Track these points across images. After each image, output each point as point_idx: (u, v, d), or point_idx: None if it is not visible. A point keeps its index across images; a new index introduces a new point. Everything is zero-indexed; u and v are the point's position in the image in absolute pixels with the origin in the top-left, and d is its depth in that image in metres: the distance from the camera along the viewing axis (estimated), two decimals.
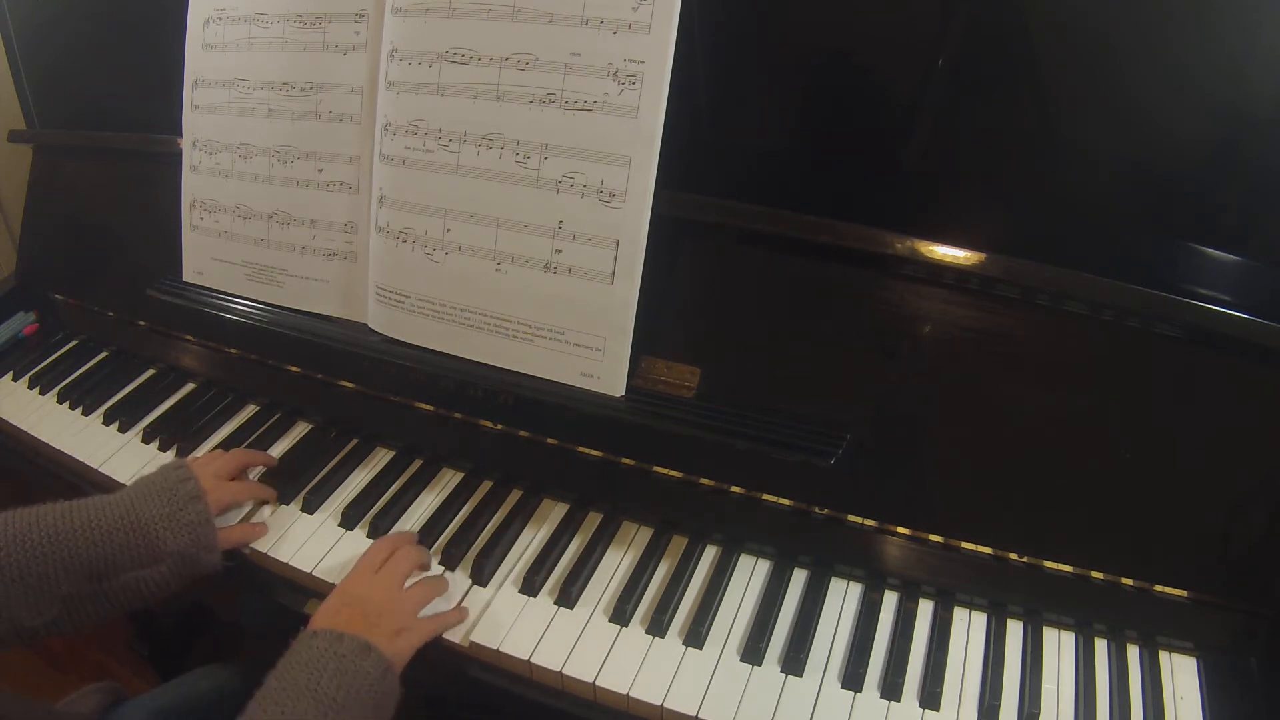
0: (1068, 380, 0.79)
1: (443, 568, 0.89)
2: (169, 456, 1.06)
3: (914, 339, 0.82)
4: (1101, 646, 0.81)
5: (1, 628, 0.74)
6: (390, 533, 0.93)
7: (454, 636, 0.82)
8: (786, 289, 0.86)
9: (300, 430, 1.09)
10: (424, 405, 1.00)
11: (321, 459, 1.03)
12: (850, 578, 0.88)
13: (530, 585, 0.86)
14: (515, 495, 0.97)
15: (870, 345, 0.83)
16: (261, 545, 0.92)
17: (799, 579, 0.87)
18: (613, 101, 0.83)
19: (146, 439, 1.09)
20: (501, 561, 0.89)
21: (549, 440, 0.95)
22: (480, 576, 0.88)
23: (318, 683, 0.67)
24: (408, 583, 0.83)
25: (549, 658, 0.80)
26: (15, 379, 1.22)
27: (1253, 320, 0.74)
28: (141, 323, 1.21)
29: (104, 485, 1.04)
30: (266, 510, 0.97)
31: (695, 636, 0.81)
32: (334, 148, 0.99)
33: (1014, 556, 0.81)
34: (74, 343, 1.29)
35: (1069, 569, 0.80)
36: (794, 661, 0.79)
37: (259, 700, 0.67)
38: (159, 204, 1.15)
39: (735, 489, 0.89)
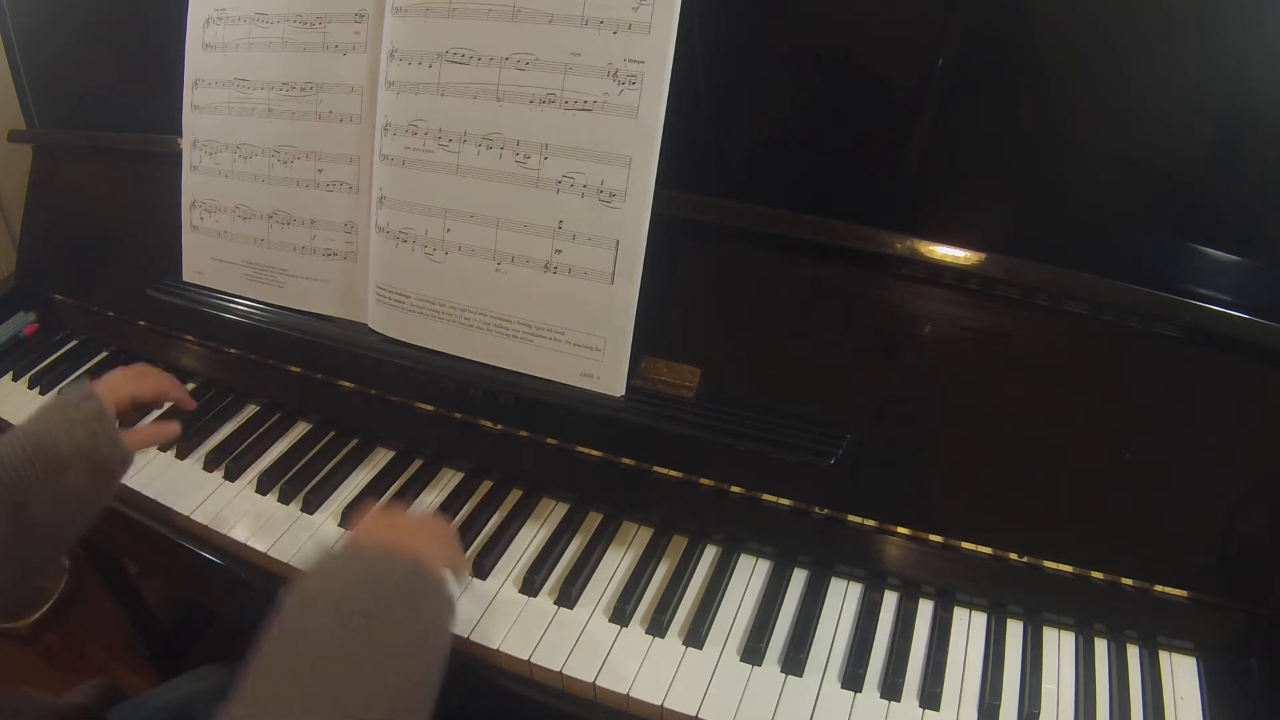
0: (1068, 380, 0.79)
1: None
2: (169, 456, 1.06)
3: (914, 339, 0.82)
4: (1101, 646, 0.81)
5: None
6: None
7: (457, 630, 0.82)
8: (787, 289, 0.86)
9: (300, 430, 1.09)
10: (424, 405, 1.00)
11: (321, 459, 1.03)
12: (850, 578, 0.88)
13: (530, 585, 0.86)
14: (515, 495, 0.97)
15: (870, 345, 0.83)
16: (260, 545, 0.92)
17: (799, 579, 0.87)
18: (613, 101, 0.83)
19: None
20: (501, 561, 0.89)
21: (549, 440, 0.95)
22: (480, 576, 0.88)
23: (340, 590, 0.62)
24: None
25: (549, 658, 0.80)
26: (15, 379, 1.22)
27: (1253, 320, 0.74)
28: (141, 323, 1.21)
29: None
30: (261, 504, 0.97)
31: (695, 636, 0.81)
32: (334, 148, 0.99)
33: (1014, 556, 0.81)
34: (74, 343, 1.29)
35: (1069, 569, 0.80)
36: (794, 661, 0.79)
37: (282, 616, 0.61)
38: (159, 204, 1.15)
39: (735, 489, 0.89)
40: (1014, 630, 0.82)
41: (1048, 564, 0.81)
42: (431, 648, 0.65)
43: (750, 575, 0.88)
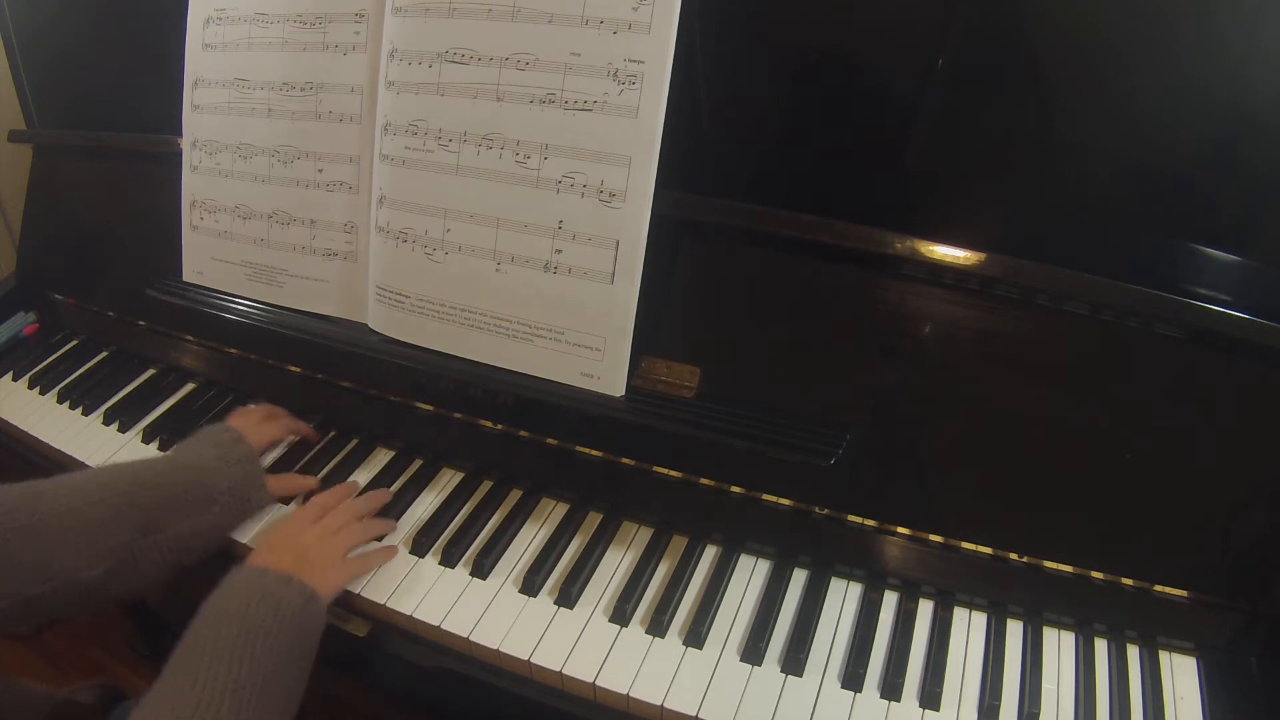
0: (1067, 380, 0.79)
1: (392, 521, 0.92)
2: None
3: (914, 339, 0.82)
4: (1101, 646, 0.81)
5: (55, 581, 0.75)
6: (390, 531, 0.93)
7: (457, 630, 0.82)
8: (787, 289, 0.86)
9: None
10: (424, 405, 1.00)
11: (321, 459, 1.03)
12: (850, 578, 0.88)
13: (530, 585, 0.86)
14: (515, 495, 0.97)
15: (870, 345, 0.83)
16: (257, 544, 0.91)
17: (799, 579, 0.87)
18: (613, 101, 0.83)
19: (147, 439, 1.09)
20: (501, 561, 0.89)
21: (549, 440, 0.95)
22: (480, 576, 0.88)
23: (245, 608, 0.71)
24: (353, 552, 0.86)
25: (549, 657, 0.80)
26: (15, 379, 1.22)
27: (1253, 320, 0.74)
28: (141, 323, 1.21)
29: None
30: (266, 511, 0.97)
31: (695, 636, 0.81)
32: (334, 148, 0.99)
33: (1014, 556, 0.81)
34: (74, 343, 1.29)
35: (1069, 569, 0.80)
36: (794, 661, 0.79)
37: (195, 626, 0.71)
38: (159, 204, 1.15)
39: (735, 489, 0.89)
40: (1014, 630, 0.82)
41: (1048, 564, 0.81)
42: (302, 668, 0.74)
43: (750, 575, 0.88)
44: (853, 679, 0.78)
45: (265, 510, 0.92)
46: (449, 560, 0.89)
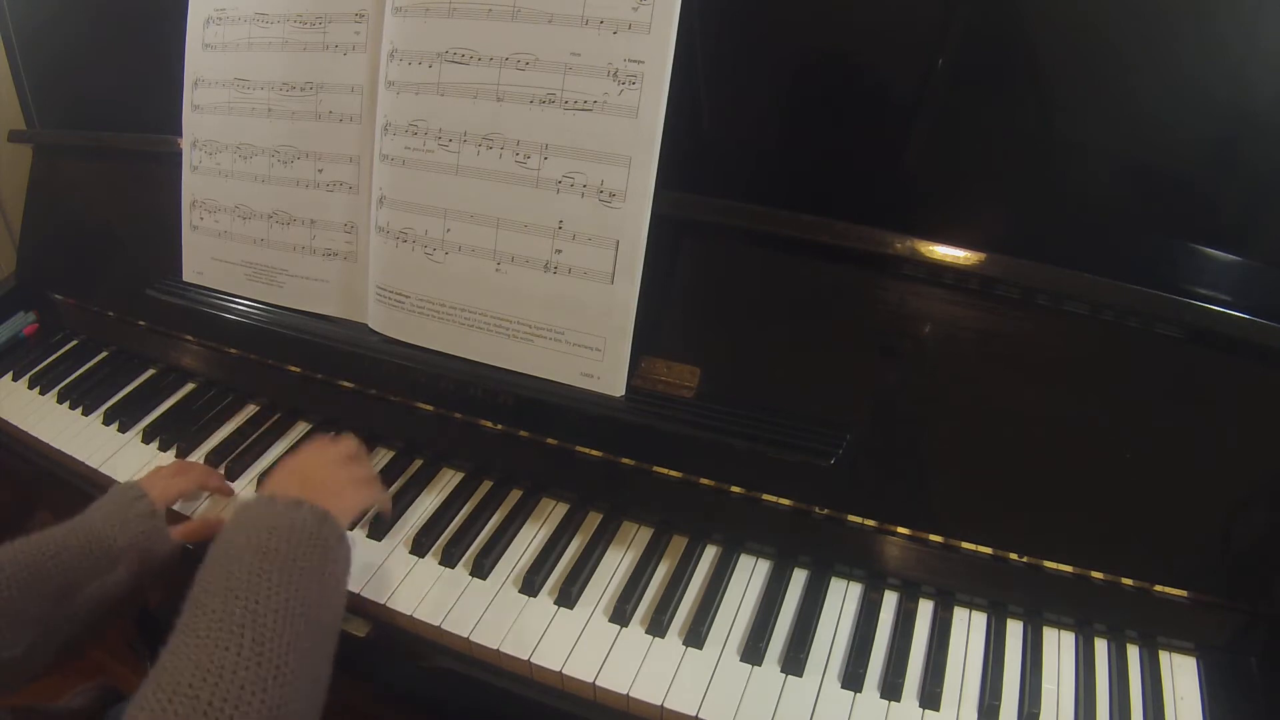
0: (1067, 380, 0.79)
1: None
2: (169, 456, 1.06)
3: (914, 339, 0.82)
4: (1101, 646, 0.81)
5: None
6: (390, 530, 0.93)
7: (457, 630, 0.82)
8: (787, 289, 0.86)
9: (300, 430, 1.09)
10: (424, 405, 1.00)
11: None
12: (850, 578, 0.88)
13: (530, 585, 0.86)
14: (515, 495, 0.97)
15: (870, 345, 0.83)
16: None
17: (799, 579, 0.87)
18: (613, 101, 0.83)
19: (146, 439, 1.09)
20: (501, 561, 0.89)
21: (549, 440, 0.95)
22: (480, 576, 0.88)
23: (257, 538, 0.67)
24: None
25: (549, 657, 0.80)
26: (15, 379, 1.22)
27: (1253, 320, 0.74)
28: (141, 323, 1.21)
29: (104, 485, 1.03)
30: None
31: (695, 636, 0.81)
32: (334, 148, 0.99)
33: (1014, 556, 0.81)
34: (74, 343, 1.29)
35: (1069, 569, 0.80)
36: (794, 661, 0.79)
37: (206, 565, 0.67)
38: (159, 204, 1.15)
39: (735, 489, 0.89)
40: (1014, 630, 0.82)
41: (1048, 564, 0.81)
42: (332, 594, 0.70)
43: (750, 575, 0.88)
44: (853, 679, 0.78)
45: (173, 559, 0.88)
46: (449, 560, 0.89)
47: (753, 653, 0.80)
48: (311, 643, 0.64)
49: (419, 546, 0.91)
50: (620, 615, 0.83)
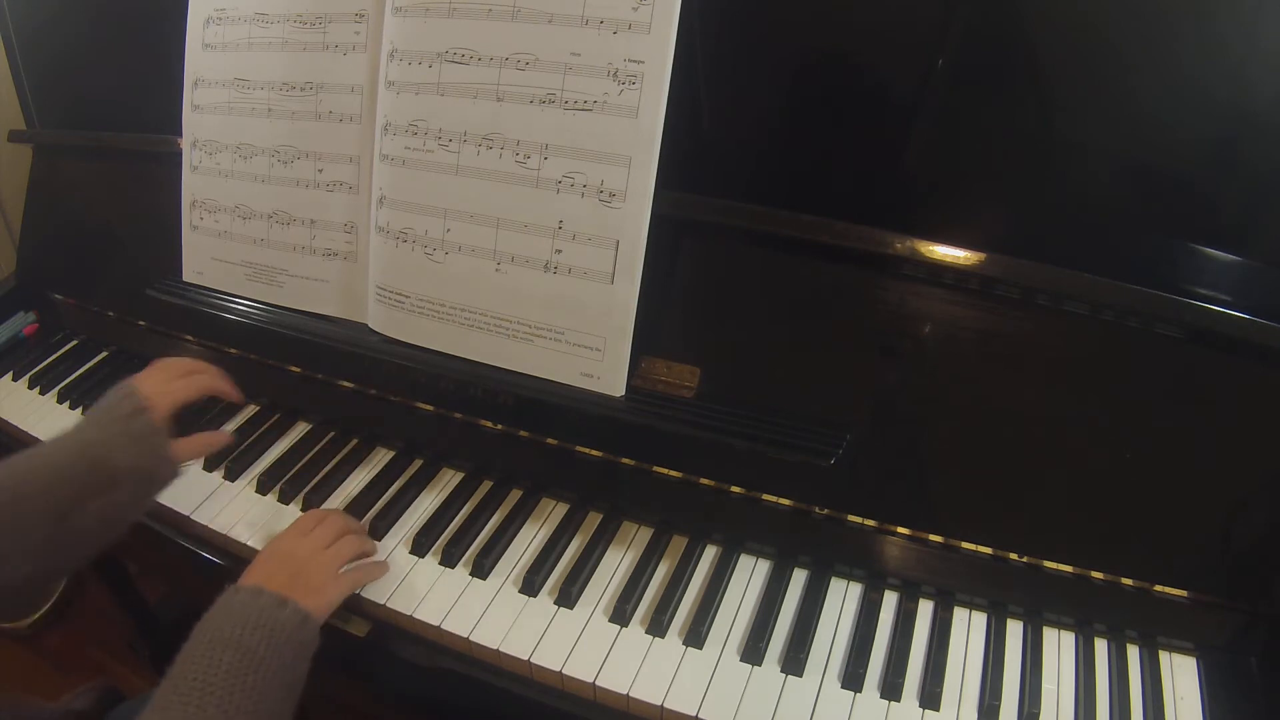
0: (1067, 380, 0.79)
1: (376, 542, 0.91)
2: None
3: (914, 339, 0.82)
4: (1101, 646, 0.81)
5: None
6: (390, 531, 0.93)
7: (457, 630, 0.82)
8: (787, 289, 0.86)
9: (300, 430, 1.09)
10: (424, 405, 1.00)
11: (321, 459, 1.03)
12: (850, 578, 0.88)
13: (530, 585, 0.86)
14: (515, 495, 0.97)
15: (870, 345, 0.83)
16: (261, 545, 0.92)
17: (799, 579, 0.87)
18: (613, 101, 0.83)
19: None
20: (501, 561, 0.89)
21: (549, 440, 0.95)
22: (480, 576, 0.88)
23: (241, 634, 0.70)
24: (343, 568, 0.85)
25: (549, 657, 0.80)
26: (15, 379, 1.22)
27: (1253, 320, 0.74)
28: (141, 323, 1.21)
29: None
30: (261, 505, 0.97)
31: (695, 636, 0.81)
32: (334, 148, 0.99)
33: (1014, 556, 0.81)
34: (74, 343, 1.29)
35: (1069, 569, 0.80)
36: (794, 661, 0.79)
37: (189, 649, 0.70)
38: (159, 204, 1.15)
39: (735, 489, 0.89)
40: (1014, 630, 0.82)
41: (1048, 564, 0.81)
42: (295, 693, 0.73)
43: (750, 575, 0.88)
44: (853, 679, 0.78)
45: (177, 477, 0.88)
46: (449, 560, 0.89)
47: (753, 653, 0.80)
48: None
49: (419, 546, 0.91)
50: (620, 615, 0.83)
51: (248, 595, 0.74)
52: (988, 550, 0.82)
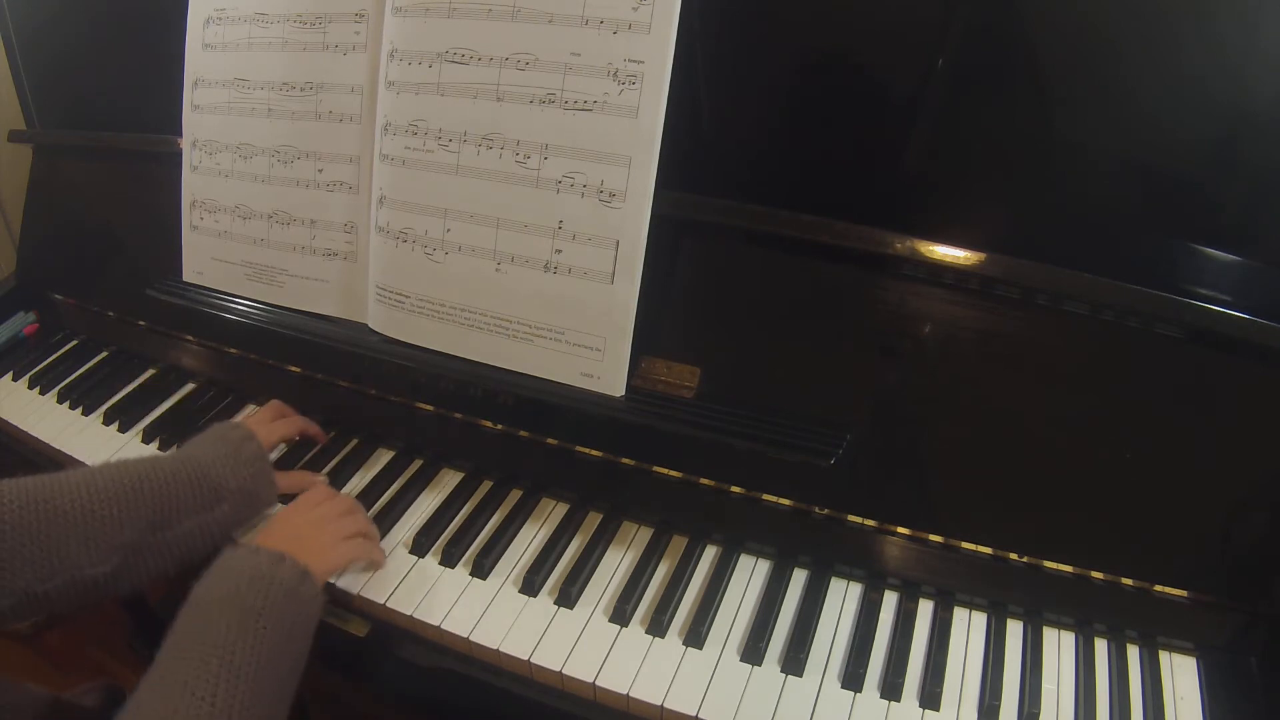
0: (1067, 380, 0.79)
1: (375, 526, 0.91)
2: None
3: (914, 339, 0.82)
4: (1101, 646, 0.81)
5: (62, 577, 0.74)
6: (391, 531, 0.93)
7: (457, 630, 0.82)
8: (787, 289, 0.86)
9: None
10: (424, 405, 1.00)
11: (321, 459, 1.03)
12: (850, 578, 0.88)
13: (530, 585, 0.86)
14: (515, 495, 0.97)
15: (870, 345, 0.83)
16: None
17: (799, 579, 0.87)
18: (613, 101, 0.83)
19: (147, 439, 1.09)
20: (501, 561, 0.89)
21: (549, 440, 0.95)
22: (480, 576, 0.88)
23: (238, 590, 0.70)
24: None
25: (549, 657, 0.80)
26: (15, 379, 1.22)
27: (1253, 320, 0.74)
28: (141, 323, 1.21)
29: None
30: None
31: (695, 636, 0.81)
32: (334, 148, 0.99)
33: (1014, 556, 0.81)
34: (74, 343, 1.29)
35: (1069, 569, 0.80)
36: (794, 661, 0.79)
37: (187, 610, 0.69)
38: (159, 204, 1.15)
39: (735, 489, 0.89)
40: (1014, 630, 0.82)
41: (1048, 564, 0.81)
42: (299, 650, 0.73)
43: (750, 575, 0.88)
44: (853, 679, 0.78)
45: (272, 508, 0.92)
46: (449, 560, 0.89)
47: (753, 653, 0.80)
48: (275, 692, 0.68)
49: (419, 546, 0.91)
50: (620, 615, 0.83)
51: (244, 554, 0.74)
52: (988, 550, 0.82)
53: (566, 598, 0.85)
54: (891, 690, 0.77)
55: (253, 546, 0.75)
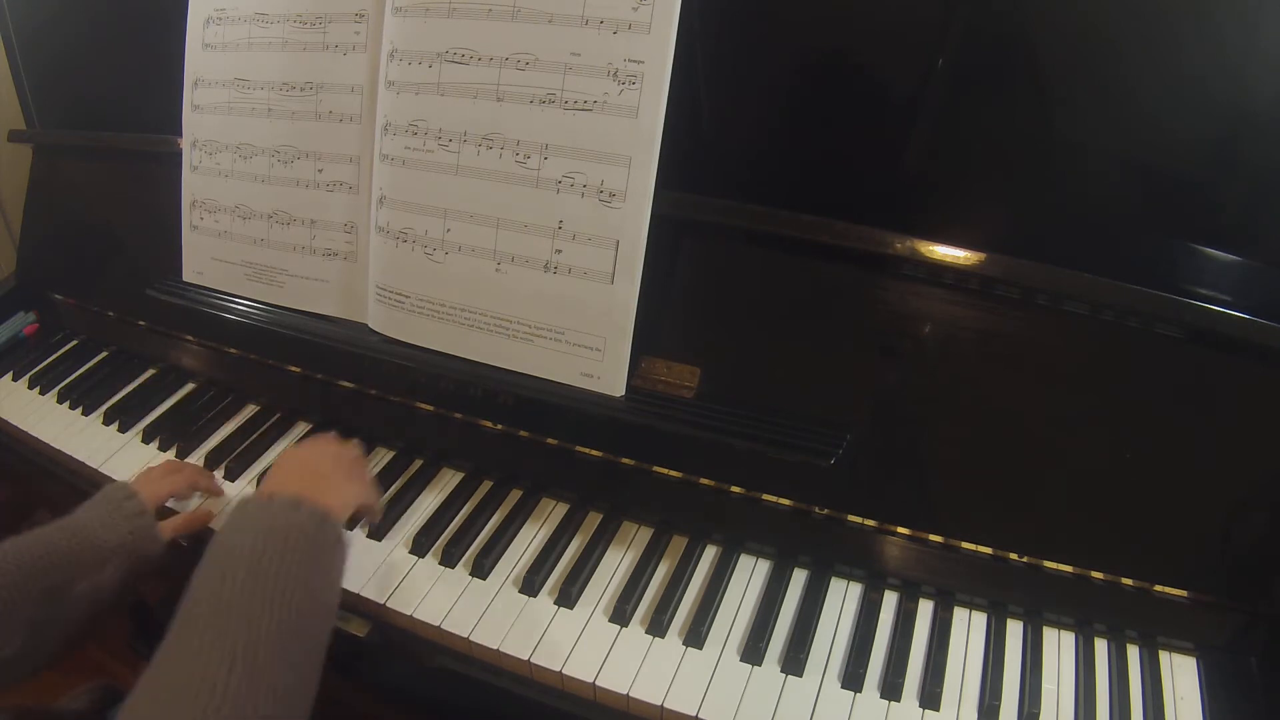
0: (1067, 380, 0.79)
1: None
2: (169, 456, 1.06)
3: (914, 339, 0.82)
4: (1101, 646, 0.81)
5: None
6: (391, 531, 0.93)
7: (457, 630, 0.82)
8: (787, 289, 0.86)
9: (300, 431, 1.09)
10: (424, 405, 1.00)
11: None
12: (850, 578, 0.88)
13: (530, 585, 0.86)
14: (515, 495, 0.97)
15: (870, 345, 0.83)
16: None
17: (799, 579, 0.87)
18: (613, 101, 0.83)
19: (146, 439, 1.09)
20: (501, 561, 0.89)
21: (549, 440, 0.95)
22: (480, 576, 0.88)
23: (252, 545, 0.66)
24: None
25: (549, 657, 0.80)
26: (15, 379, 1.22)
27: (1253, 320, 0.74)
28: (141, 323, 1.21)
29: (104, 485, 1.04)
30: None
31: (695, 636, 0.81)
32: (334, 148, 0.99)
33: (1014, 556, 0.81)
34: (74, 343, 1.29)
35: (1069, 569, 0.80)
36: (794, 661, 0.79)
37: (202, 569, 0.65)
38: (159, 204, 1.15)
39: (735, 489, 0.89)
40: (1014, 630, 0.82)
41: (1048, 564, 0.81)
42: (327, 600, 0.69)
43: (750, 575, 0.88)
44: (853, 679, 0.78)
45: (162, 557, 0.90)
46: (449, 560, 0.89)
47: (753, 653, 0.80)
48: (303, 650, 0.64)
49: (419, 546, 0.91)
50: (620, 615, 0.83)
51: (258, 504, 0.70)
52: (988, 550, 0.82)
53: (566, 598, 0.85)
54: (891, 690, 0.77)
55: (265, 495, 0.72)
